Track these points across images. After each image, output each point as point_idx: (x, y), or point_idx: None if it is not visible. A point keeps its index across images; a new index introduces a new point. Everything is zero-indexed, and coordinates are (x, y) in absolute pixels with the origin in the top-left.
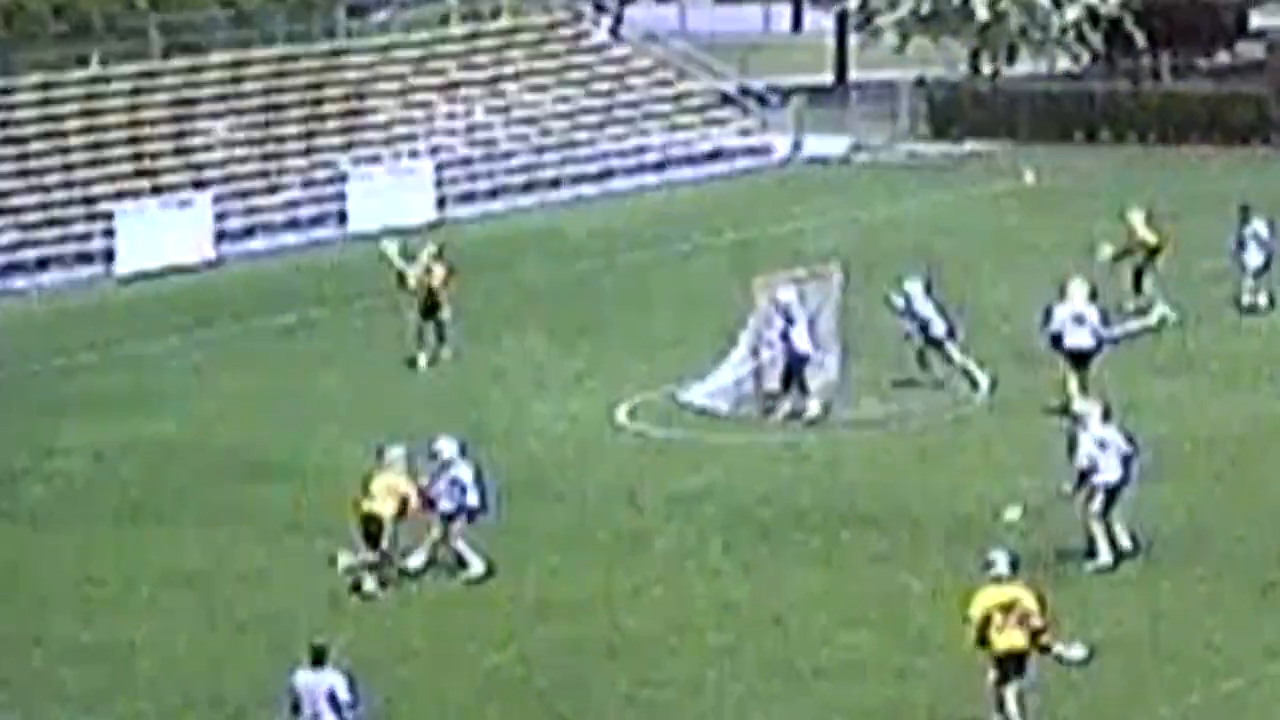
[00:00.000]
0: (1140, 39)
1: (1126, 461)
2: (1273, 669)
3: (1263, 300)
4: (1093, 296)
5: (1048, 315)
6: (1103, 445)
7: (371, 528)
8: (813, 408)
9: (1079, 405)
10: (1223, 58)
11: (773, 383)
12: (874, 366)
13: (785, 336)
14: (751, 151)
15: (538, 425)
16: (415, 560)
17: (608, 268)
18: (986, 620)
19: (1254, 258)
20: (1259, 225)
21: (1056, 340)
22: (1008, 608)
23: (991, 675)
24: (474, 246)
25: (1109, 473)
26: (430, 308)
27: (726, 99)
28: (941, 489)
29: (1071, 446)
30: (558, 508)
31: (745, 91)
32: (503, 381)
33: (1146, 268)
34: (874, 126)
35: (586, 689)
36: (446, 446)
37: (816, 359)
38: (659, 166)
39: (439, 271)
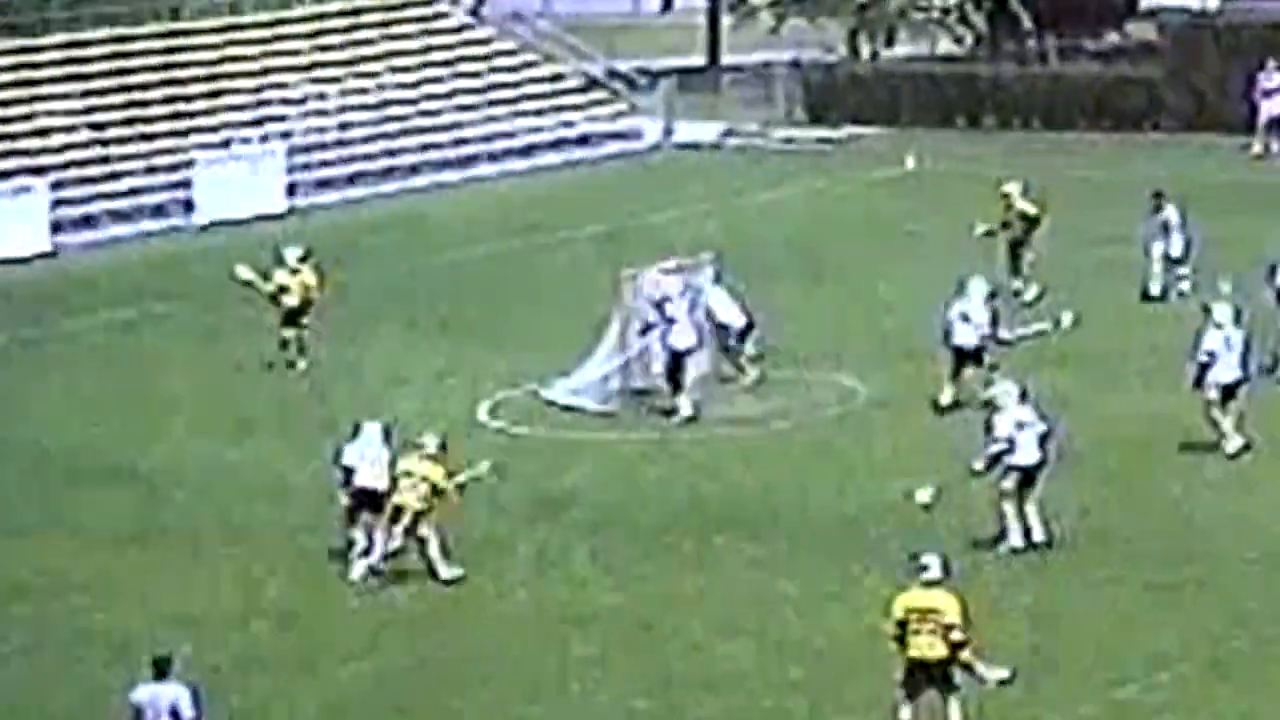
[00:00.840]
0: (1026, 20)
1: (1044, 442)
2: (1165, 676)
3: (1185, 287)
4: (991, 296)
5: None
6: (1020, 426)
7: (399, 517)
8: (684, 407)
9: (995, 388)
10: (1112, 39)
11: (639, 381)
12: (753, 359)
13: (665, 332)
14: (620, 137)
15: (394, 424)
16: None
17: (470, 259)
18: (904, 623)
19: (1173, 246)
20: (1171, 213)
21: (945, 335)
22: (928, 614)
23: (898, 678)
24: (328, 236)
25: (1025, 455)
26: (293, 315)
27: (594, 82)
28: (821, 490)
29: (988, 428)
30: None
31: (613, 74)
32: (358, 379)
33: (1025, 242)
34: (748, 111)
35: (446, 703)
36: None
37: (699, 354)
38: (524, 152)
39: (307, 278)
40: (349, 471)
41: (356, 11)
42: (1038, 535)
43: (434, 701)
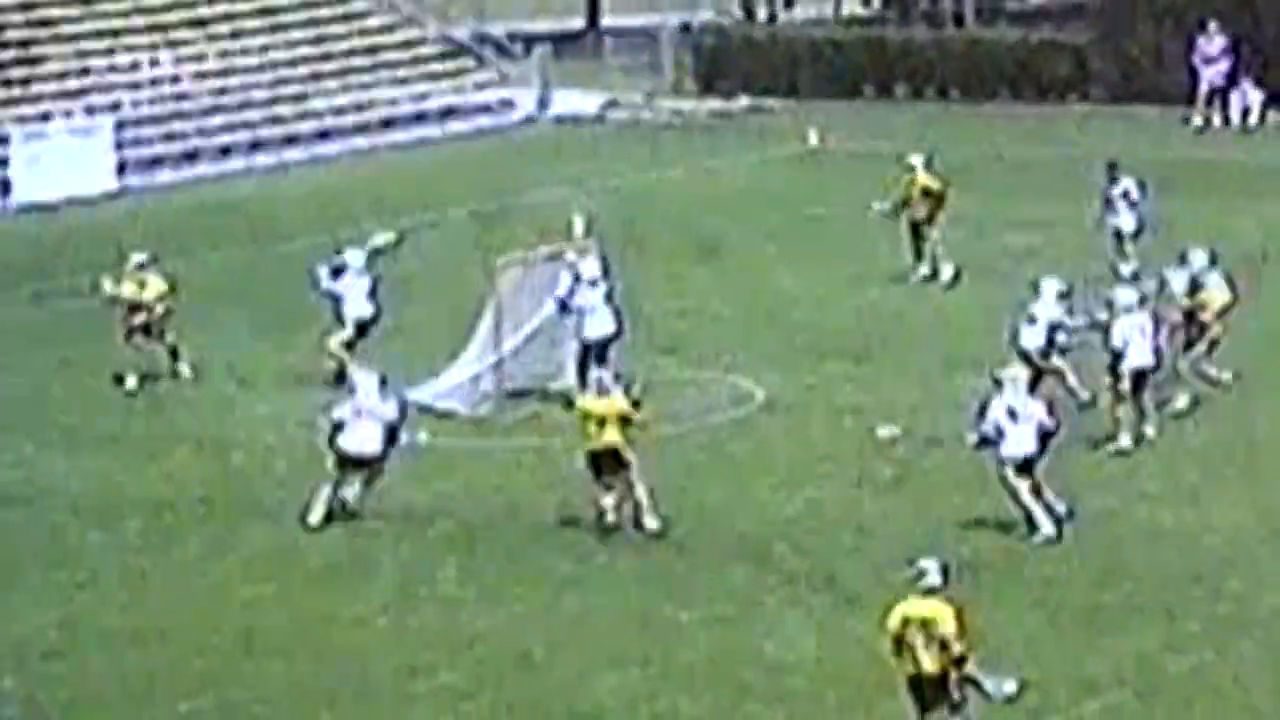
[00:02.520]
0: None
1: (1043, 436)
2: (1093, 705)
3: (1130, 267)
4: (1064, 296)
5: None
6: (1013, 415)
7: (607, 461)
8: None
9: (1007, 371)
10: (1035, 0)
11: (518, 381)
12: (636, 357)
13: (579, 322)
14: (490, 109)
15: (241, 432)
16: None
17: (324, 245)
18: (900, 636)
19: (1124, 221)
20: (1128, 184)
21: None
22: (924, 625)
23: (906, 697)
24: (163, 220)
25: (1018, 445)
26: (146, 327)
27: (460, 48)
28: (715, 501)
29: (981, 409)
30: (266, 528)
31: (482, 40)
32: (199, 382)
33: (930, 221)
34: (632, 80)
35: None
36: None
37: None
38: (383, 126)
39: (155, 285)
40: (337, 427)
41: None
42: (1059, 509)
43: None
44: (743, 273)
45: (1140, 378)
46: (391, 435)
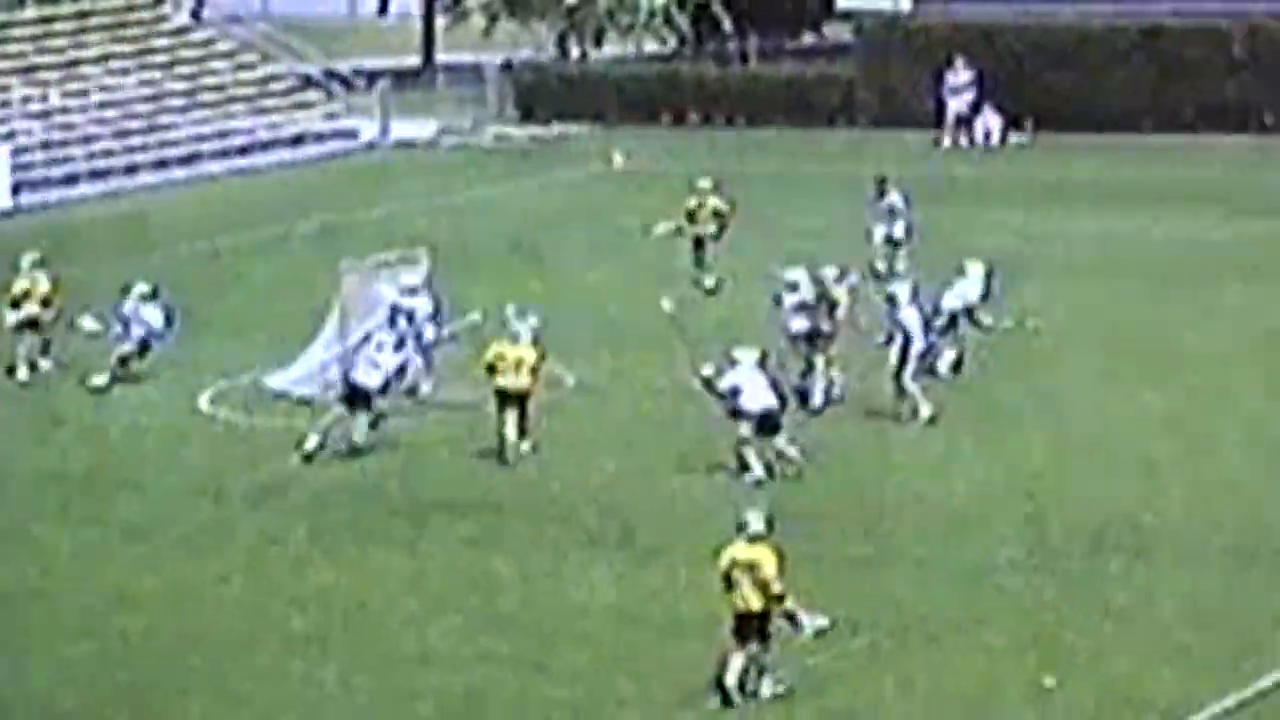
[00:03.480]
0: (727, 22)
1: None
2: (858, 642)
3: (902, 266)
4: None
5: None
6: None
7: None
8: (425, 387)
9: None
10: (809, 40)
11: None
12: (463, 348)
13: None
14: (338, 135)
15: (117, 414)
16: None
17: (192, 255)
18: (728, 575)
19: (896, 229)
20: (894, 198)
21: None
22: (749, 567)
23: (729, 627)
24: (52, 234)
25: (754, 401)
26: (33, 321)
27: (311, 82)
28: (531, 471)
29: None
30: (137, 499)
31: (330, 75)
32: (79, 373)
33: (719, 237)
34: (462, 110)
35: (168, 681)
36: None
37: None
38: (242, 152)
39: (43, 284)
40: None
41: (84, 15)
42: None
43: (159, 680)
44: (558, 275)
45: (922, 360)
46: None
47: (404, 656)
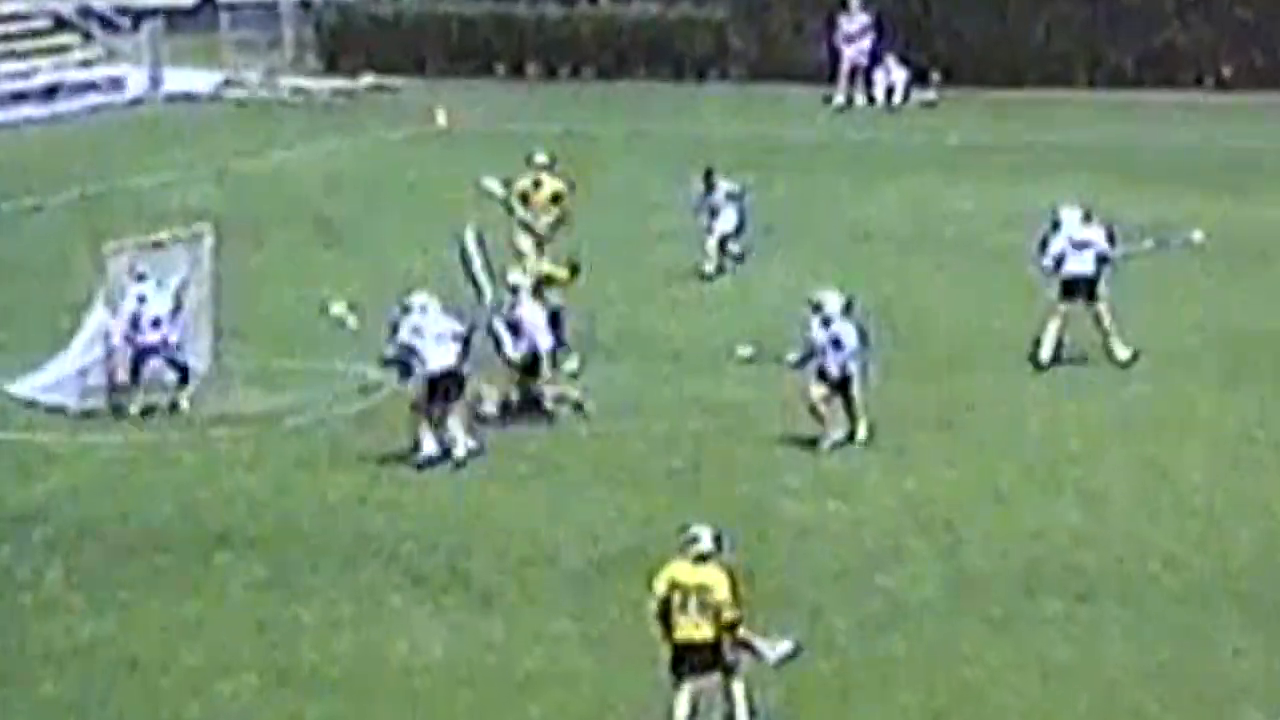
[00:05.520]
0: None
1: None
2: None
3: (727, 264)
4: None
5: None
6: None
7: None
8: (184, 400)
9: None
10: None
11: (123, 374)
12: (256, 348)
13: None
14: (97, 87)
15: None
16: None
17: None
18: (668, 600)
19: (724, 223)
20: (728, 188)
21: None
22: (698, 590)
23: (667, 661)
24: None
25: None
26: None
27: (63, 23)
28: (340, 497)
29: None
30: None
31: (87, 13)
32: None
33: (548, 229)
34: (251, 57)
35: None
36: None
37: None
38: None
39: None
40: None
41: None
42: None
43: None
44: (367, 258)
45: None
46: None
47: None
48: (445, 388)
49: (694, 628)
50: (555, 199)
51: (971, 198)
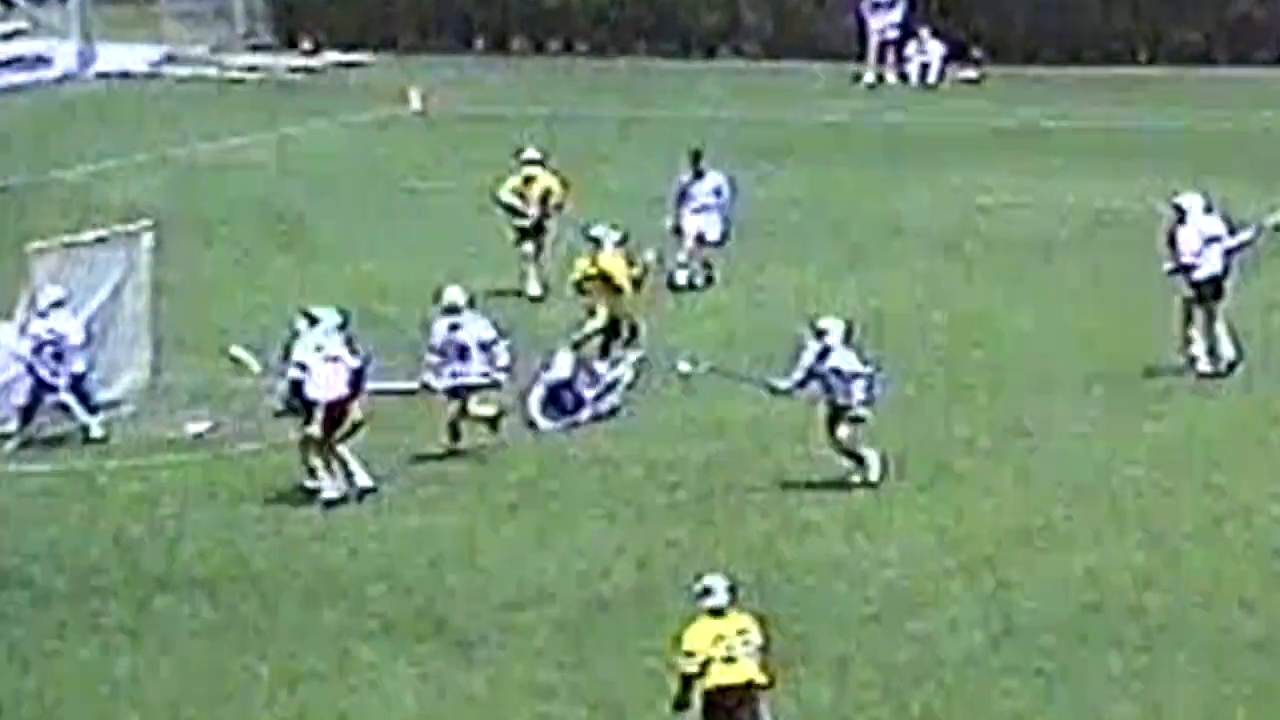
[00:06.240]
0: None
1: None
2: None
3: (699, 279)
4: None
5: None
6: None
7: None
8: (96, 428)
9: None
10: None
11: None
12: (201, 363)
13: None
14: (22, 64)
15: None
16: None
17: None
18: (708, 661)
19: (709, 223)
20: (715, 178)
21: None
22: (740, 633)
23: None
24: None
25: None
26: None
27: None
28: (298, 531)
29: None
30: None
31: None
32: None
33: (542, 225)
34: (196, 30)
35: None
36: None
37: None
38: None
39: None
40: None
41: None
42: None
43: None
44: (330, 261)
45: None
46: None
47: None
48: (336, 417)
49: (738, 671)
50: (547, 197)
51: (1018, 190)
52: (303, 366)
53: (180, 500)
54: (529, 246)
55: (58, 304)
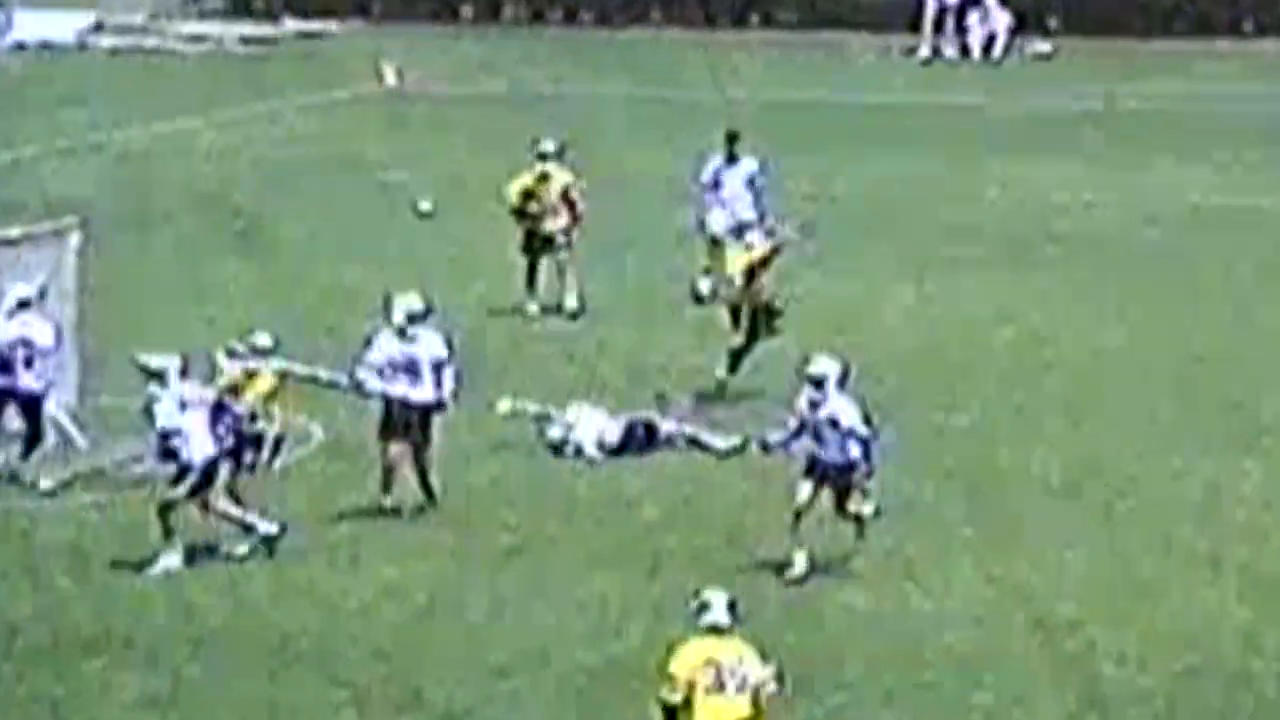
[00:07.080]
0: None
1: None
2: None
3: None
4: None
5: None
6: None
7: None
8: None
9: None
10: None
11: None
12: (138, 382)
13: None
14: None
15: None
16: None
17: None
18: (693, 683)
19: (739, 213)
20: (750, 165)
21: None
22: (736, 666)
23: None
24: None
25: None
26: None
27: None
28: (254, 583)
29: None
30: None
31: None
32: None
33: (561, 235)
34: None
35: None
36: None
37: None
38: None
39: None
40: None
41: None
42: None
43: None
44: (289, 264)
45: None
46: None
47: None
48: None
49: (728, 711)
50: (566, 197)
51: (1099, 183)
52: (165, 436)
53: (114, 547)
54: (543, 260)
55: (24, 304)
